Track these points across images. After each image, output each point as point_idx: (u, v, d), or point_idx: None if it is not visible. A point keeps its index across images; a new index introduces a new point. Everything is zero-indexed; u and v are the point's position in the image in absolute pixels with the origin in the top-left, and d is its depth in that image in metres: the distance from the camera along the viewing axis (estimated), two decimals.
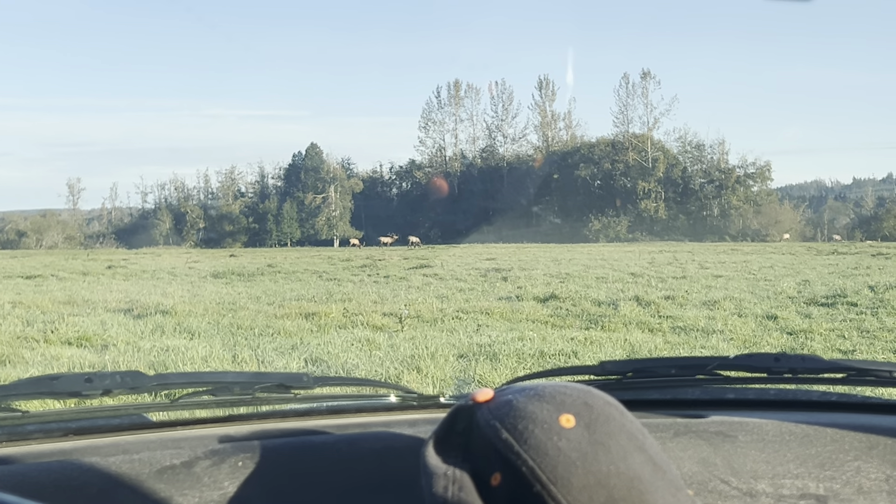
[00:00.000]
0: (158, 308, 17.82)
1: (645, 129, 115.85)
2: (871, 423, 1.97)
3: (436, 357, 11.40)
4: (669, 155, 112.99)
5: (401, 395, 2.14)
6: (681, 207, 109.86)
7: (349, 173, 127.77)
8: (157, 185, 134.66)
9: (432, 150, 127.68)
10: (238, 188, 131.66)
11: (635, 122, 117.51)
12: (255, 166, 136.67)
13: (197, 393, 1.93)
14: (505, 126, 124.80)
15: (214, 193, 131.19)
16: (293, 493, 1.67)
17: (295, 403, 2.06)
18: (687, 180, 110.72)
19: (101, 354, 12.11)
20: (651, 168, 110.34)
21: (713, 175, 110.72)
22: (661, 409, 2.04)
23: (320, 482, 1.70)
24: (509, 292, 22.17)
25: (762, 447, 1.87)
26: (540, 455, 1.22)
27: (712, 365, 2.07)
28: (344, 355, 12.00)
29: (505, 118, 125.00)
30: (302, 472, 1.71)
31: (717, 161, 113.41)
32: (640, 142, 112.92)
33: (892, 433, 1.92)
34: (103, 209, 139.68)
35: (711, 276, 28.67)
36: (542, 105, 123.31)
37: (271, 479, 1.68)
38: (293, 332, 14.56)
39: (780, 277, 27.93)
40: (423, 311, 17.73)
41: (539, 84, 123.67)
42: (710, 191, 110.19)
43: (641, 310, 17.64)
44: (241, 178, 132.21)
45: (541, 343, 12.96)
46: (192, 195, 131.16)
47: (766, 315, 16.71)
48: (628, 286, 24.21)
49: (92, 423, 1.86)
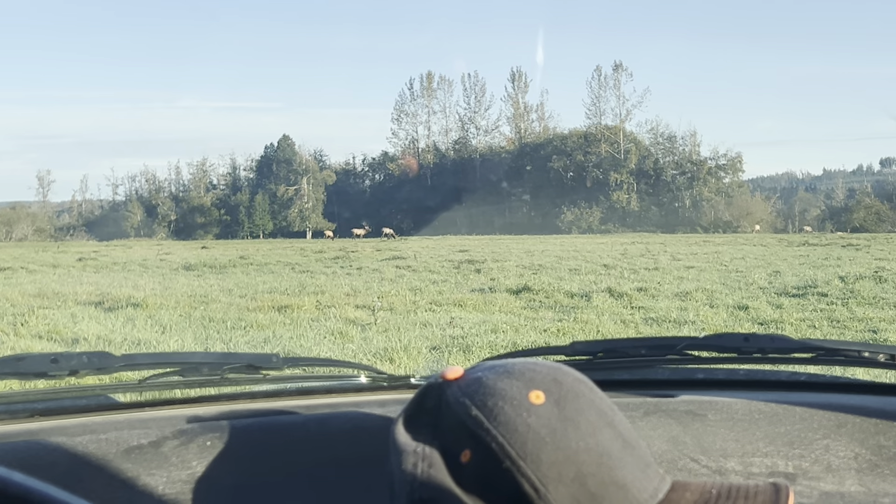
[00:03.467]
0: (129, 301, 17.71)
1: (617, 120, 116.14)
2: (840, 402, 1.98)
3: (409, 349, 11.41)
4: (641, 146, 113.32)
5: (371, 376, 2.13)
6: (653, 199, 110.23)
7: (322, 165, 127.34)
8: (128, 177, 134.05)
9: (405, 142, 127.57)
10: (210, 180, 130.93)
11: (608, 114, 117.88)
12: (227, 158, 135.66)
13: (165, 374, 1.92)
14: (478, 118, 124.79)
15: (186, 185, 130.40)
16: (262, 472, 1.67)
17: (264, 384, 2.05)
18: (659, 172, 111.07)
19: (72, 347, 12.05)
20: (623, 160, 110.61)
21: (685, 167, 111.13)
22: (631, 389, 2.04)
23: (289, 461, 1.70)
24: (482, 284, 22.20)
25: (731, 426, 1.87)
26: (509, 431, 1.22)
27: (682, 345, 2.08)
28: (317, 348, 12.00)
29: (478, 110, 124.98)
30: (271, 451, 1.70)
31: (688, 153, 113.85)
32: (613, 133, 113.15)
33: (860, 412, 1.94)
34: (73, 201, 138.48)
35: (683, 268, 28.81)
36: (515, 97, 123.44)
37: (240, 458, 1.68)
38: (266, 325, 14.51)
39: (752, 268, 28.10)
40: (397, 303, 17.72)
41: (512, 76, 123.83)
42: (681, 182, 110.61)
43: (614, 301, 17.72)
44: (212, 169, 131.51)
45: (514, 335, 13.00)
46: (164, 187, 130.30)
47: (738, 305, 16.81)
48: (601, 278, 24.29)
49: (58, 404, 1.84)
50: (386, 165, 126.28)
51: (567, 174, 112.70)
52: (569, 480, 1.20)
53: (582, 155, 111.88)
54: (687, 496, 1.26)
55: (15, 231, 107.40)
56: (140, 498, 1.58)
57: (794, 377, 2.19)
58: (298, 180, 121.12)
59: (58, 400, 1.86)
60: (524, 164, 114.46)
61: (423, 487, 1.24)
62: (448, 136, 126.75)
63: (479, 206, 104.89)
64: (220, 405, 1.93)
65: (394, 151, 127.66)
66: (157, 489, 1.59)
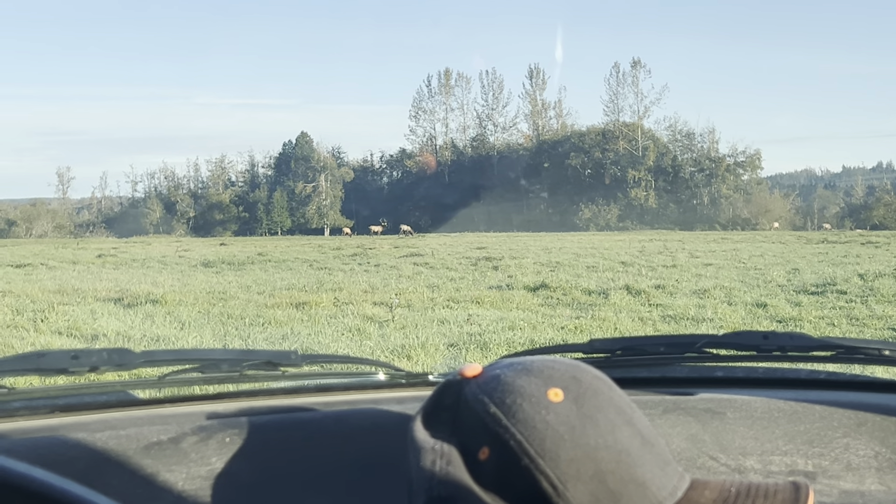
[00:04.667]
0: (148, 297, 17.79)
1: (635, 117, 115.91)
2: (860, 400, 1.97)
3: (426, 346, 11.42)
4: (660, 143, 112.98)
5: (389, 373, 2.14)
6: (671, 196, 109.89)
7: (339, 162, 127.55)
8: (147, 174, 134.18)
9: (423, 139, 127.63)
10: (228, 177, 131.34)
11: (625, 111, 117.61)
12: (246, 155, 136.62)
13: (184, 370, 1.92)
14: (495, 115, 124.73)
15: (204, 182, 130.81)
16: (280, 468, 1.67)
17: (283, 381, 2.06)
18: (677, 169, 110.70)
19: (91, 344, 12.12)
20: (641, 157, 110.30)
21: (703, 164, 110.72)
22: (650, 387, 2.04)
23: (307, 458, 1.70)
24: (500, 281, 22.19)
25: (751, 424, 1.87)
26: (528, 429, 1.22)
27: (701, 343, 2.07)
28: (334, 345, 12.03)
29: (495, 107, 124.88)
30: (289, 448, 1.71)
31: (707, 150, 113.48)
32: (631, 130, 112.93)
33: (880, 410, 1.93)
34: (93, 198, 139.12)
35: (701, 265, 28.72)
36: (533, 94, 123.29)
37: (258, 454, 1.68)
38: (283, 322, 14.55)
39: (770, 266, 27.99)
40: (414, 300, 17.74)
41: (530, 73, 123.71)
42: (700, 179, 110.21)
43: (632, 298, 17.67)
44: (231, 166, 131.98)
45: (531, 332, 12.99)
46: (182, 184, 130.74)
47: (756, 303, 16.76)
48: (618, 275, 24.24)
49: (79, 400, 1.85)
50: (403, 162, 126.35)
51: (585, 171, 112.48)
52: (587, 478, 1.20)
53: (600, 152, 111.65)
54: (706, 494, 1.26)
55: (35, 228, 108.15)
56: (160, 494, 1.58)
57: (814, 375, 2.18)
58: (316, 177, 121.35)
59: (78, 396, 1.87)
60: (542, 162, 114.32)
61: (441, 485, 1.25)
62: (466, 133, 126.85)
63: (497, 203, 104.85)
64: (238, 402, 1.94)
65: (411, 148, 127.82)
66: (176, 485, 1.60)
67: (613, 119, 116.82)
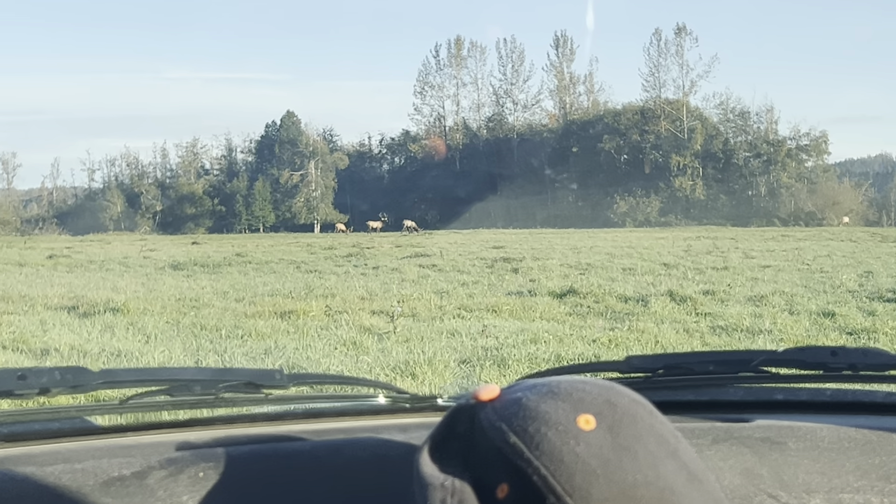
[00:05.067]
0: (108, 305, 17.81)
1: (679, 94, 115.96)
2: None
3: (434, 362, 11.41)
4: (708, 124, 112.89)
5: (391, 396, 2.14)
6: (722, 186, 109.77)
7: (332, 146, 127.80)
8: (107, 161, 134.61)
9: (430, 120, 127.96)
10: (201, 164, 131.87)
11: (668, 86, 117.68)
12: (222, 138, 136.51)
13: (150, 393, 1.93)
14: (515, 91, 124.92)
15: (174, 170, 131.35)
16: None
17: (266, 405, 2.06)
18: (729, 154, 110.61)
19: (41, 360, 12.13)
20: (687, 140, 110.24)
21: (760, 148, 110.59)
22: (698, 412, 2.04)
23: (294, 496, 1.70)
24: (520, 286, 22.20)
25: (816, 456, 1.86)
26: (554, 462, 1.22)
27: (757, 361, 2.07)
28: (326, 361, 12.03)
29: (515, 81, 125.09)
30: (273, 484, 1.70)
31: (764, 131, 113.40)
32: (674, 109, 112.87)
33: None
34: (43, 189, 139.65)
35: (758, 267, 28.70)
36: (559, 66, 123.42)
37: (237, 491, 1.68)
38: (266, 334, 14.57)
39: (839, 268, 27.95)
40: (420, 308, 17.75)
41: (555, 42, 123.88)
42: (756, 166, 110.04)
43: (676, 307, 17.67)
44: (204, 152, 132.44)
45: (557, 346, 12.99)
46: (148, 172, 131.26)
47: (822, 312, 16.72)
48: (660, 279, 24.24)
49: (27, 428, 1.85)
50: (407, 147, 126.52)
51: (620, 157, 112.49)
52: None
53: (638, 134, 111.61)
54: None
55: None
56: None
57: (891, 399, 2.17)
58: (305, 164, 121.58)
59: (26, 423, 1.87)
60: (570, 145, 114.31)
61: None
62: (480, 112, 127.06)
63: (517, 194, 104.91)
64: (214, 429, 1.94)
65: (417, 130, 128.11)
66: None
67: (654, 95, 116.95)
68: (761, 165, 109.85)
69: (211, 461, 1.71)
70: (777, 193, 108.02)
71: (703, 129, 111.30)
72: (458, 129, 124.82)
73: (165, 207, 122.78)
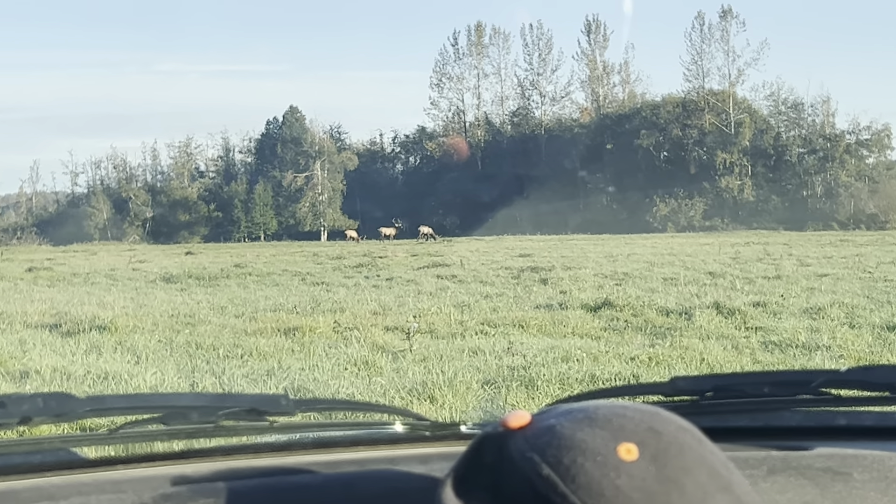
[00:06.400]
0: (94, 323, 17.88)
1: (725, 84, 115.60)
2: None
3: (455, 384, 11.42)
4: (758, 117, 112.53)
5: (409, 424, 2.14)
6: (773, 186, 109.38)
7: (340, 145, 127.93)
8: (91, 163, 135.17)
9: (448, 115, 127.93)
10: (196, 166, 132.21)
11: (713, 76, 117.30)
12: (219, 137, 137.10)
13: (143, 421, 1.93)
14: (542, 82, 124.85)
15: (166, 173, 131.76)
16: None
17: (271, 434, 2.06)
18: (781, 150, 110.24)
19: (20, 384, 12.18)
20: (734, 135, 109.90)
21: (815, 143, 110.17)
22: (752, 440, 2.03)
23: None
24: (550, 298, 22.19)
25: (884, 488, 1.85)
26: (593, 497, 1.21)
27: (818, 381, 2.06)
28: (335, 383, 12.05)
29: (542, 72, 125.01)
30: None
31: (820, 125, 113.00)
32: (720, 101, 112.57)
33: None
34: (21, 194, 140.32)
35: (814, 276, 28.63)
36: (591, 54, 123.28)
37: None
38: (269, 354, 14.60)
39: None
40: (438, 324, 17.77)
41: (587, 27, 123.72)
42: (811, 164, 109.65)
43: (723, 320, 17.64)
44: (199, 152, 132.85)
45: (591, 365, 12.98)
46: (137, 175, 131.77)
47: (887, 325, 16.67)
48: (705, 289, 24.19)
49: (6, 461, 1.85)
50: (423, 145, 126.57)
51: (660, 154, 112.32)
52: None
53: (679, 129, 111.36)
54: None
55: None
56: None
57: None
58: (310, 165, 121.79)
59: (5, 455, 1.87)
60: (604, 142, 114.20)
61: None
62: (504, 105, 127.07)
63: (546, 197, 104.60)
64: (213, 461, 1.94)
65: (434, 127, 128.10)
66: None
67: (697, 86, 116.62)
68: (817, 163, 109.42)
69: (210, 496, 1.71)
70: (835, 193, 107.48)
71: (751, 122, 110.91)
72: (480, 124, 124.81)
73: (156, 214, 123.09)
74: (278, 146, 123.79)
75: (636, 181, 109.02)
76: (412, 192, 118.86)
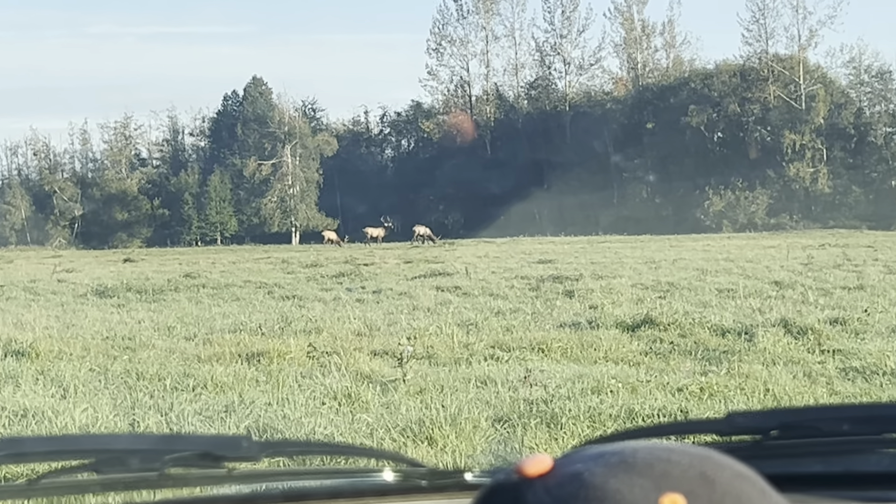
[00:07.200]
0: (9, 347, 17.91)
1: (794, 48, 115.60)
2: None
3: (459, 422, 11.42)
4: (835, 89, 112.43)
5: (401, 471, 2.14)
6: (854, 174, 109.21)
7: (315, 125, 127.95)
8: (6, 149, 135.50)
9: (449, 87, 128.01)
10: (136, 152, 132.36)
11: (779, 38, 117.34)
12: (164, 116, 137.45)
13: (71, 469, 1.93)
14: (566, 46, 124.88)
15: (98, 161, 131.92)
16: None
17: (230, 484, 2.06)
18: (863, 130, 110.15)
19: None
20: (805, 111, 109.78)
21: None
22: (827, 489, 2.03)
23: None
24: (577, 315, 22.22)
25: None
26: None
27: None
28: (310, 421, 12.04)
29: (566, 33, 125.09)
30: None
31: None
32: (787, 69, 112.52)
33: None
34: None
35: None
36: (627, 11, 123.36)
37: None
38: (228, 385, 14.60)
39: None
40: (438, 347, 17.78)
41: None
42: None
43: (792, 341, 17.65)
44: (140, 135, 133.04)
45: (629, 397, 12.97)
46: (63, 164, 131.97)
47: None
48: (770, 303, 24.21)
49: None
50: (419, 125, 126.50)
51: (713, 135, 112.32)
52: None
53: (737, 104, 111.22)
54: None
55: None
56: None
57: None
58: (278, 150, 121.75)
59: None
60: (643, 120, 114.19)
61: None
62: (519, 75, 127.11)
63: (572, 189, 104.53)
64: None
65: (431, 102, 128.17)
66: None
67: (759, 50, 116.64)
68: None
69: None
70: None
71: (827, 95, 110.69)
72: (489, 99, 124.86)
73: (87, 212, 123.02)
74: (238, 127, 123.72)
75: (683, 169, 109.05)
76: (405, 184, 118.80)
